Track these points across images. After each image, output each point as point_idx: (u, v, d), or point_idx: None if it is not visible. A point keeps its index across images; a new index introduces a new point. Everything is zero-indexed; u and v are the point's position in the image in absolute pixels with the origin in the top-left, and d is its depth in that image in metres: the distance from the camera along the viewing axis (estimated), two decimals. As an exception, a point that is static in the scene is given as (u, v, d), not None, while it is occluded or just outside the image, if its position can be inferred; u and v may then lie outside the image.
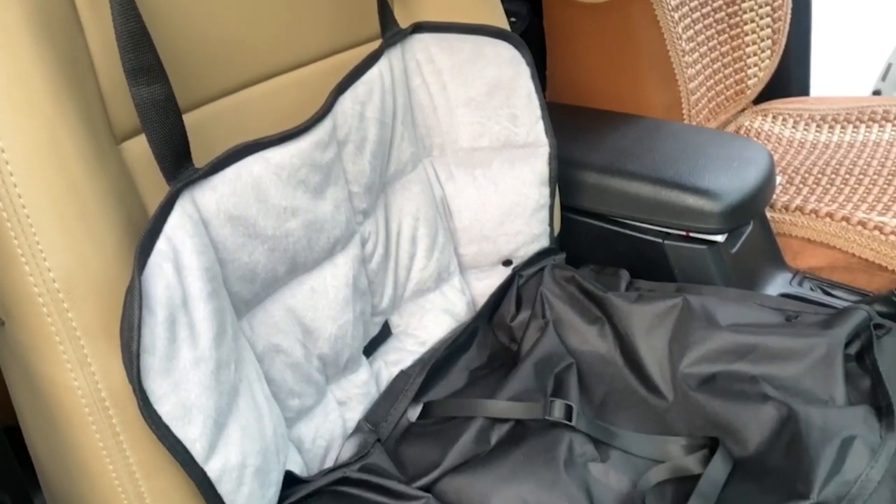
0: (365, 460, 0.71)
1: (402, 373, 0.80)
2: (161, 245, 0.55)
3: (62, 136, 0.53)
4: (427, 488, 0.69)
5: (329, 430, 0.74)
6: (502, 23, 0.83)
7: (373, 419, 0.76)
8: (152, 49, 0.56)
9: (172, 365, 0.54)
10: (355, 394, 0.76)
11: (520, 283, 0.86)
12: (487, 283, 0.87)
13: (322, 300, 0.70)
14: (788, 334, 0.73)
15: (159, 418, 0.53)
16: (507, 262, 0.87)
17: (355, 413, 0.76)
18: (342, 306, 0.72)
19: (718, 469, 0.66)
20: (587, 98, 1.04)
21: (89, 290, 0.53)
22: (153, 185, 0.60)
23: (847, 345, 0.72)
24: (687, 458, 0.69)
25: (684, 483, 0.68)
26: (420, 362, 0.80)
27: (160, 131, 0.57)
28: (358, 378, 0.77)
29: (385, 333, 0.82)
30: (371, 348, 0.80)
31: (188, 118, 0.60)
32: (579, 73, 1.05)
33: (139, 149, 0.60)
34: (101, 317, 0.54)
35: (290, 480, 0.67)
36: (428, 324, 0.83)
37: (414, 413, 0.78)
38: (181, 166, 0.58)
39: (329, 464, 0.73)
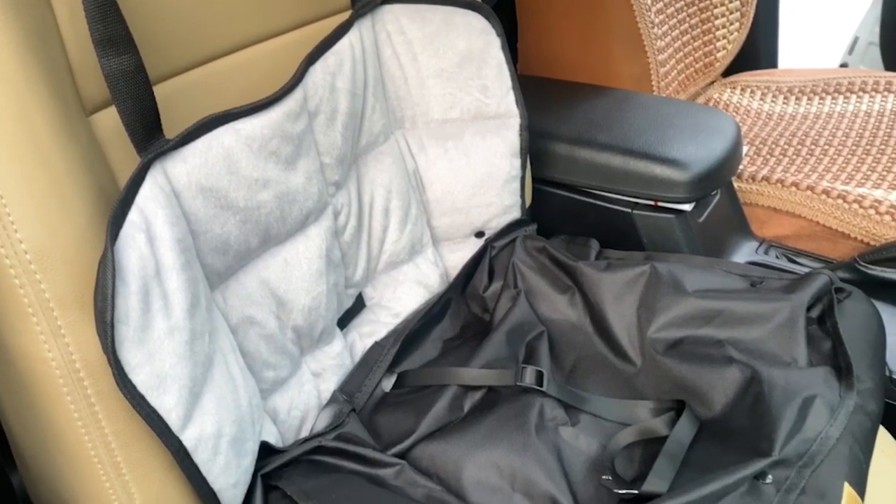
0: (340, 429, 0.72)
1: (376, 344, 0.81)
2: (133, 216, 0.55)
3: (32, 107, 0.53)
4: (402, 455, 0.70)
5: (304, 401, 0.75)
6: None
7: (347, 390, 0.78)
8: (121, 19, 0.56)
9: (146, 335, 0.55)
10: (330, 365, 0.78)
11: (492, 255, 0.87)
12: (460, 254, 0.88)
13: (295, 272, 0.71)
14: (753, 299, 0.75)
15: (134, 388, 0.54)
16: (479, 234, 0.88)
17: (330, 384, 0.78)
18: (315, 278, 0.73)
19: (685, 430, 0.68)
20: (557, 70, 1.06)
21: (61, 261, 0.54)
22: (123, 157, 0.61)
23: (809, 308, 0.75)
24: (654, 421, 0.71)
25: (652, 445, 0.70)
26: (394, 333, 0.81)
27: (130, 102, 0.57)
28: (332, 349, 0.78)
29: (359, 305, 0.83)
30: (345, 320, 0.81)
31: (158, 90, 0.60)
32: (550, 46, 1.06)
33: (109, 121, 0.60)
34: (74, 288, 0.54)
35: (266, 451, 0.68)
36: (402, 295, 0.84)
37: (388, 383, 0.79)
38: (152, 138, 0.59)
39: (304, 434, 0.74)
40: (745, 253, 0.98)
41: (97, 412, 0.56)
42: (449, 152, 0.83)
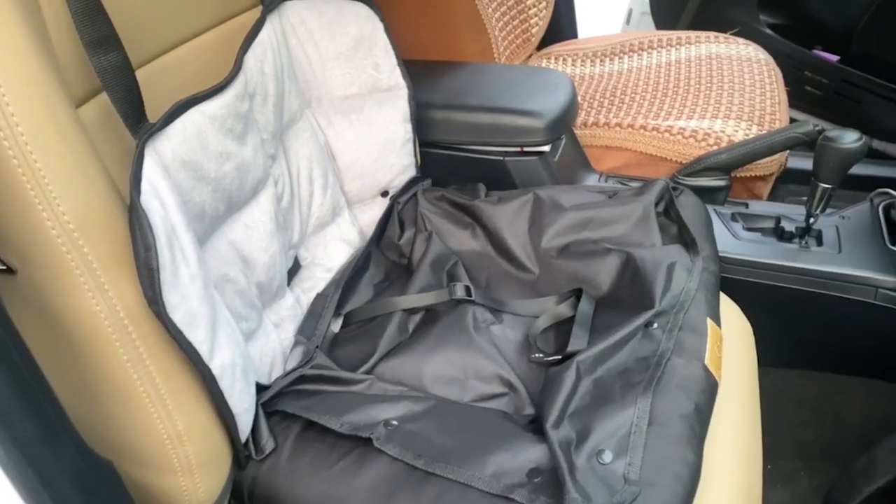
0: (312, 362, 0.89)
1: (318, 295, 0.99)
2: (145, 186, 0.70)
3: (54, 101, 0.66)
4: (367, 374, 0.89)
5: (271, 349, 0.91)
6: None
7: (305, 335, 0.95)
8: (108, 21, 0.70)
9: (177, 280, 0.70)
10: (286, 316, 0.95)
11: (399, 209, 1.08)
12: (371, 213, 1.08)
13: (254, 233, 0.88)
14: (614, 205, 1.02)
15: (175, 324, 0.69)
16: (384, 193, 1.09)
17: (288, 333, 0.94)
18: (269, 238, 0.90)
19: (586, 307, 0.93)
20: (413, 52, 1.27)
21: (97, 227, 0.67)
22: (105, 147, 0.74)
23: (656, 205, 1.03)
24: (561, 307, 0.95)
25: (562, 325, 0.94)
26: (333, 283, 1.00)
27: (121, 92, 0.71)
28: (286, 303, 0.95)
29: (296, 266, 1.00)
30: (288, 279, 0.98)
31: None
32: (405, 32, 1.27)
33: (88, 115, 0.74)
34: (109, 249, 0.68)
35: (257, 388, 0.84)
36: (331, 252, 1.02)
37: (337, 325, 0.97)
38: (139, 122, 0.73)
39: (275, 377, 0.91)
40: (590, 183, 1.26)
41: (142, 353, 0.70)
42: (353, 124, 1.03)
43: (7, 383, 0.55)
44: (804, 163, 1.47)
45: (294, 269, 0.99)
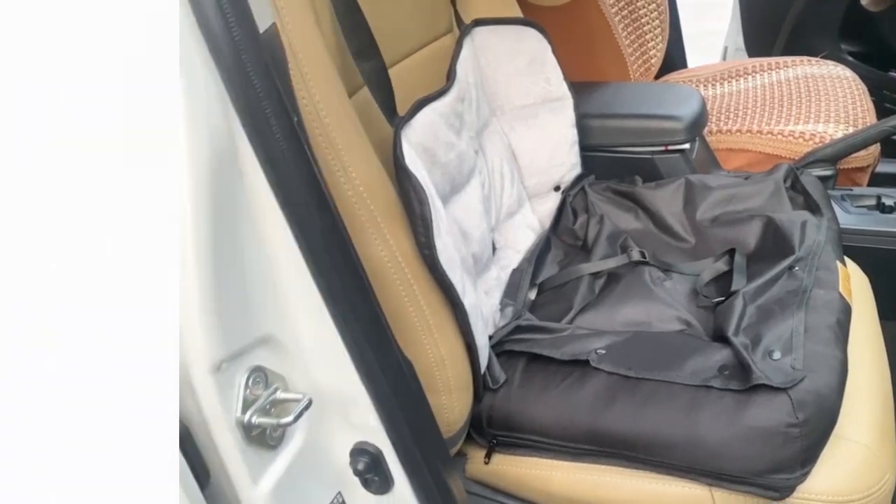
0: (524, 316, 1.08)
1: (514, 270, 1.17)
2: (407, 161, 0.89)
3: (341, 94, 0.84)
4: (567, 327, 1.07)
5: (483, 311, 1.10)
6: (519, 14, 1.27)
7: (510, 299, 1.13)
8: (370, 34, 0.89)
9: (439, 231, 0.88)
10: (492, 285, 1.13)
11: (570, 201, 1.28)
12: (546, 206, 1.28)
13: (470, 211, 1.07)
14: (750, 184, 1.21)
15: (441, 265, 0.86)
16: (556, 188, 1.29)
17: (494, 300, 1.11)
18: (480, 217, 1.09)
19: (740, 261, 1.09)
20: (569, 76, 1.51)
21: (377, 190, 0.84)
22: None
23: (784, 182, 1.20)
24: (718, 264, 1.12)
25: (720, 279, 1.10)
26: (525, 260, 1.18)
27: (381, 92, 0.92)
28: (491, 274, 1.14)
29: (493, 248, 1.19)
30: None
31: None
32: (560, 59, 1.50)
33: None
34: (387, 207, 0.85)
35: (481, 337, 1.02)
36: (520, 237, 1.22)
37: (532, 293, 1.16)
38: (393, 114, 0.93)
39: (489, 333, 1.09)
40: (722, 179, 1.44)
41: (415, 290, 0.86)
42: (531, 129, 1.24)
43: (359, 288, 0.74)
44: (892, 167, 1.64)
45: (492, 251, 1.19)
